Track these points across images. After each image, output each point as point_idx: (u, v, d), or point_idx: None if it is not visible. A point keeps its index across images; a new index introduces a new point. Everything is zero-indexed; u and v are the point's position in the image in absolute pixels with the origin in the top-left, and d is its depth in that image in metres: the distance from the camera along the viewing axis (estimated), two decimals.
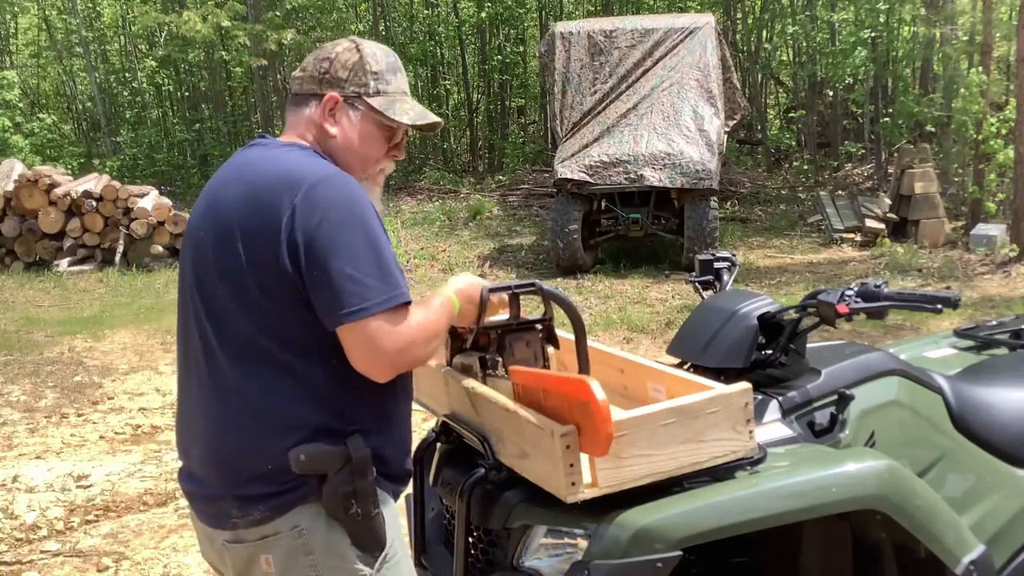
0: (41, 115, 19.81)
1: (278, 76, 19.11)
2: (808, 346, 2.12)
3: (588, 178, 9.86)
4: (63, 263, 11.07)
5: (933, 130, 14.52)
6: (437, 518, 2.19)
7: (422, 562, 2.16)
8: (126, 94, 21.25)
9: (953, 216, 11.94)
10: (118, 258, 11.09)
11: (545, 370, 1.85)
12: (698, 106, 10.34)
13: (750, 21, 19.18)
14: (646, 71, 10.72)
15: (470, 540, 1.89)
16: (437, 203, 15.11)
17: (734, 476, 1.72)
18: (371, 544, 1.65)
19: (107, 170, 15.32)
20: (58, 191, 11.08)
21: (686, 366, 2.13)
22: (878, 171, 15.03)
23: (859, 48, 13.98)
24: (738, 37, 19.02)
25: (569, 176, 9.91)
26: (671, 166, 9.70)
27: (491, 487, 1.79)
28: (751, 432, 1.70)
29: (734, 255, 2.66)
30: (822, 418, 1.99)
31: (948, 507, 1.89)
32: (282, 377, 1.59)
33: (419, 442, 2.17)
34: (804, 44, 17.12)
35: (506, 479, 1.77)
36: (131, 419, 5.53)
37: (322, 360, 1.59)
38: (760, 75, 19.22)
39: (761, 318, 2.06)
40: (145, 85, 20.77)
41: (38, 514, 4.16)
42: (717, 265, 2.59)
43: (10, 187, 11.24)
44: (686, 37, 10.78)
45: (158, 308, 8.84)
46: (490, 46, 19.75)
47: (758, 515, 1.66)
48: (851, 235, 11.59)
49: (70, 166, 16.41)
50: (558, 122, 10.89)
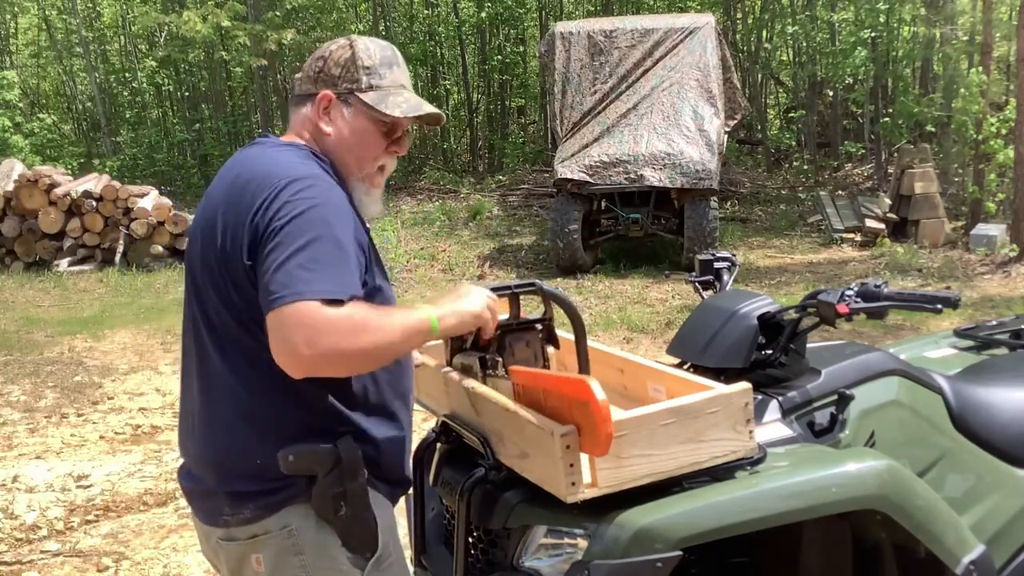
0: (41, 115, 19.82)
1: (278, 76, 19.12)
2: (808, 346, 2.12)
3: (588, 178, 9.86)
4: (63, 263, 11.07)
5: (933, 130, 14.52)
6: (437, 518, 2.19)
7: (422, 562, 2.16)
8: (126, 94, 21.26)
9: (953, 216, 11.94)
10: (118, 258, 11.09)
11: (545, 370, 1.85)
12: (698, 106, 10.34)
13: (750, 21, 19.18)
14: (646, 71, 10.72)
15: (470, 540, 1.89)
16: (437, 203, 15.11)
17: (734, 476, 1.72)
18: (362, 546, 1.64)
19: (107, 170, 15.33)
20: (58, 191, 11.08)
21: (686, 366, 2.13)
22: (878, 171, 15.03)
23: (859, 48, 13.98)
24: (738, 37, 19.02)
25: (569, 176, 9.91)
26: (671, 166, 9.70)
27: (491, 487, 1.79)
28: (751, 432, 1.70)
29: (734, 255, 2.66)
30: (822, 418, 1.99)
31: (948, 507, 1.88)
32: (266, 375, 1.57)
33: (419, 442, 2.17)
34: (804, 44, 17.12)
35: (506, 479, 1.77)
36: (131, 419, 5.53)
37: None
38: (760, 75, 19.22)
39: (761, 318, 2.06)
40: (145, 85, 20.77)
41: (38, 514, 4.16)
42: (717, 265, 2.60)
43: (10, 187, 11.24)
44: (686, 37, 10.78)
45: (158, 308, 8.84)
46: (490, 46, 19.75)
47: (758, 515, 1.66)
48: (851, 235, 11.59)
49: (70, 166, 16.41)
50: (558, 122, 10.89)
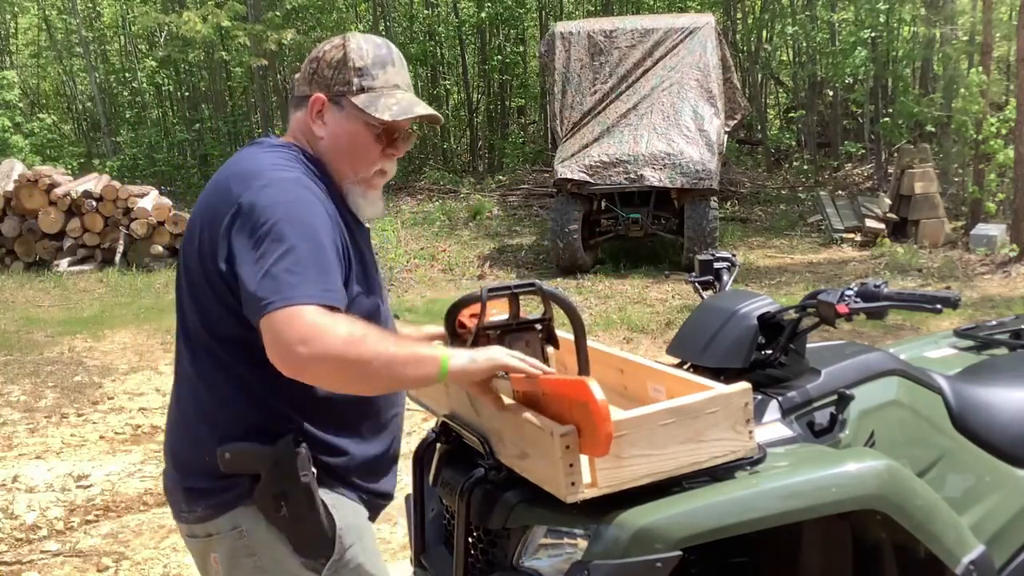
0: (41, 115, 19.82)
1: (278, 76, 19.11)
2: (808, 346, 2.12)
3: (588, 178, 9.86)
4: (63, 263, 11.07)
5: (933, 130, 14.52)
6: (437, 518, 2.19)
7: (422, 562, 2.16)
8: (126, 94, 21.25)
9: (953, 216, 11.94)
10: (118, 258, 11.09)
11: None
12: (698, 106, 10.34)
13: (750, 21, 19.18)
14: (646, 71, 10.72)
15: (470, 540, 1.89)
16: (437, 203, 15.11)
17: (734, 476, 1.72)
18: (313, 548, 1.61)
19: (107, 170, 15.32)
20: (58, 191, 11.08)
21: (686, 366, 2.13)
22: (878, 171, 15.03)
23: (859, 48, 13.99)
24: (738, 37, 19.02)
25: (569, 176, 9.91)
26: (671, 166, 9.70)
27: (491, 487, 1.79)
28: (751, 432, 1.70)
29: (734, 255, 2.66)
30: (822, 418, 1.99)
31: (948, 507, 1.88)
32: (223, 373, 1.59)
33: (419, 442, 2.17)
34: (804, 44, 17.12)
35: (506, 479, 1.77)
36: (131, 419, 5.53)
37: (259, 360, 1.51)
38: (760, 75, 19.22)
39: (761, 318, 2.06)
40: (145, 85, 20.77)
41: (38, 514, 4.16)
42: (717, 265, 2.59)
43: (10, 187, 11.24)
44: (686, 37, 10.78)
45: (158, 308, 8.83)
46: (490, 46, 19.75)
47: (758, 515, 1.66)
48: (851, 235, 11.59)
49: (70, 166, 16.41)
50: (558, 122, 10.89)
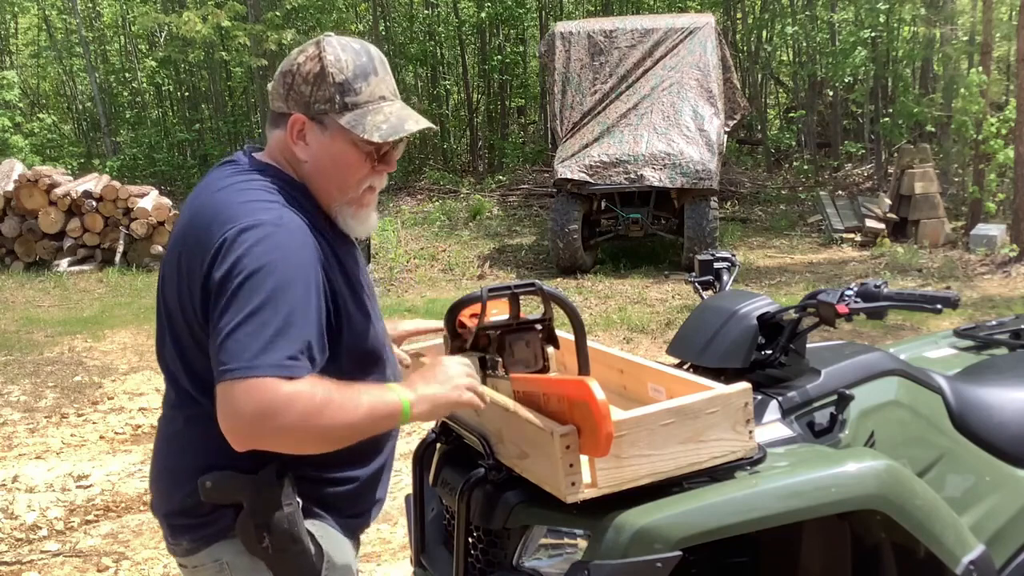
0: (41, 115, 19.81)
1: None
2: (808, 346, 2.12)
3: (588, 178, 9.86)
4: (63, 263, 11.07)
5: (933, 130, 14.52)
6: (437, 518, 2.19)
7: (422, 562, 2.16)
8: (126, 94, 21.23)
9: (953, 216, 11.94)
10: (118, 258, 11.09)
11: (544, 373, 1.85)
12: (698, 106, 10.34)
13: (750, 21, 19.17)
14: (646, 71, 10.72)
15: (470, 540, 1.89)
16: (437, 203, 15.11)
17: (734, 476, 1.72)
18: None
19: (107, 170, 15.31)
20: (58, 191, 11.08)
21: (686, 366, 2.13)
22: (878, 171, 15.03)
23: (859, 48, 13.98)
24: (738, 37, 19.02)
25: (569, 176, 9.91)
26: (671, 166, 9.70)
27: (491, 487, 1.79)
28: (751, 432, 1.70)
29: (734, 255, 2.66)
30: (822, 418, 1.99)
31: (948, 507, 1.88)
32: (201, 411, 1.51)
33: (419, 442, 2.18)
34: (804, 44, 17.12)
35: (506, 479, 1.77)
36: (131, 419, 5.53)
37: None
38: (760, 75, 19.22)
39: (761, 318, 2.06)
40: (145, 85, 20.76)
41: (38, 514, 4.16)
42: (717, 265, 2.59)
43: (10, 187, 11.24)
44: (686, 37, 10.78)
45: None
46: (490, 46, 19.74)
47: (758, 515, 1.66)
48: (851, 235, 11.58)
49: (70, 166, 16.40)
50: (558, 122, 10.89)
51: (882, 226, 11.48)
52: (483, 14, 18.23)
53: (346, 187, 1.59)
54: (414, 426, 4.84)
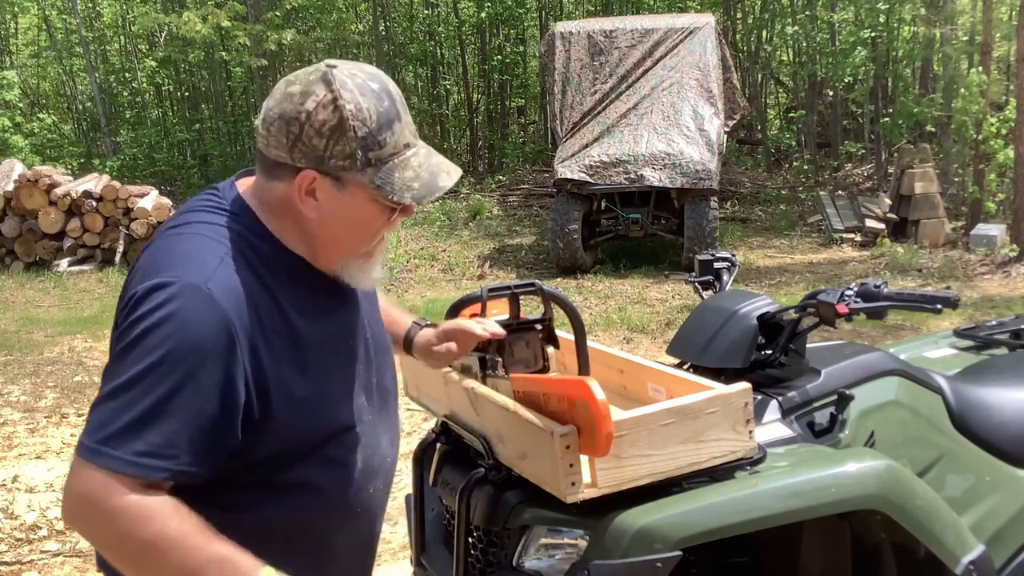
0: (41, 115, 19.82)
1: (278, 76, 19.07)
2: (808, 346, 2.12)
3: (588, 178, 9.86)
4: (63, 263, 11.07)
5: (933, 130, 14.52)
6: (437, 518, 2.19)
7: (422, 562, 2.16)
8: (126, 94, 21.24)
9: (953, 216, 11.94)
10: (118, 258, 11.09)
11: (544, 373, 1.85)
12: (698, 106, 10.34)
13: (750, 21, 19.18)
14: (646, 71, 10.72)
15: (470, 540, 1.89)
16: (437, 203, 15.11)
17: (734, 476, 1.72)
18: None
19: (107, 170, 15.32)
20: (58, 191, 11.08)
21: (686, 366, 2.13)
22: (878, 171, 15.03)
23: (859, 48, 13.97)
24: (738, 37, 19.02)
25: (569, 176, 9.91)
26: (671, 166, 9.70)
27: (491, 487, 1.79)
28: (751, 432, 1.70)
29: (734, 255, 2.65)
30: (822, 418, 1.99)
31: (948, 507, 1.88)
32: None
33: (419, 442, 2.18)
34: (804, 44, 17.12)
35: (506, 479, 1.77)
36: None
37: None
38: (760, 75, 19.22)
39: (761, 318, 2.06)
40: (145, 85, 20.77)
41: (38, 514, 4.16)
42: (717, 265, 2.59)
43: (10, 187, 11.23)
44: (686, 37, 10.78)
45: None
46: (490, 46, 19.74)
47: (758, 515, 1.66)
48: (851, 235, 11.58)
49: (70, 166, 16.40)
50: (558, 122, 10.89)
51: (882, 226, 11.48)
52: (483, 14, 18.23)
53: (360, 244, 1.42)
54: (414, 426, 4.83)
